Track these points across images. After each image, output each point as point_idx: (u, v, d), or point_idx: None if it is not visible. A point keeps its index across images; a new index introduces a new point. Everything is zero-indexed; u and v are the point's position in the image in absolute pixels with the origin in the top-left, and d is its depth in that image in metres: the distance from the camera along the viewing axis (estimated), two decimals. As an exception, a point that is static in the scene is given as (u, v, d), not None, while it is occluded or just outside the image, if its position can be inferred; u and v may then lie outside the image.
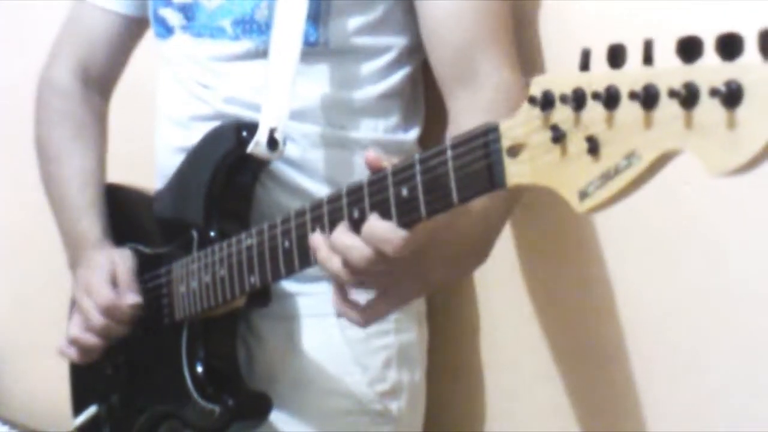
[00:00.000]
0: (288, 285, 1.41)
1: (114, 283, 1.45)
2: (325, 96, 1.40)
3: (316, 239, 1.13)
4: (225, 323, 1.41)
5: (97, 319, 1.45)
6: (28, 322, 2.27)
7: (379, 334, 1.42)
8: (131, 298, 1.44)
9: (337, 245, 1.10)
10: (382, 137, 1.42)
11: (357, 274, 1.10)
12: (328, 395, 1.42)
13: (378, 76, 1.41)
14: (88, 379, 1.57)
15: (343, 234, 1.10)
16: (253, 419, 1.40)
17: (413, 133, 1.46)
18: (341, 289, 1.15)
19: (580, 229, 1.41)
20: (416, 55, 1.43)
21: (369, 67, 1.41)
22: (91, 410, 1.55)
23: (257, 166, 1.39)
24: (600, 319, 1.40)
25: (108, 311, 1.44)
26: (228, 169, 1.39)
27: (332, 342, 1.42)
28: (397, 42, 1.41)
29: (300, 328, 1.43)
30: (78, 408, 1.60)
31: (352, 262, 1.08)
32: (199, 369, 1.40)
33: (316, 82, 1.39)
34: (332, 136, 1.41)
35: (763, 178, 0.80)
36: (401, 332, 1.44)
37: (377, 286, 1.14)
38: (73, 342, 1.49)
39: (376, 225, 1.07)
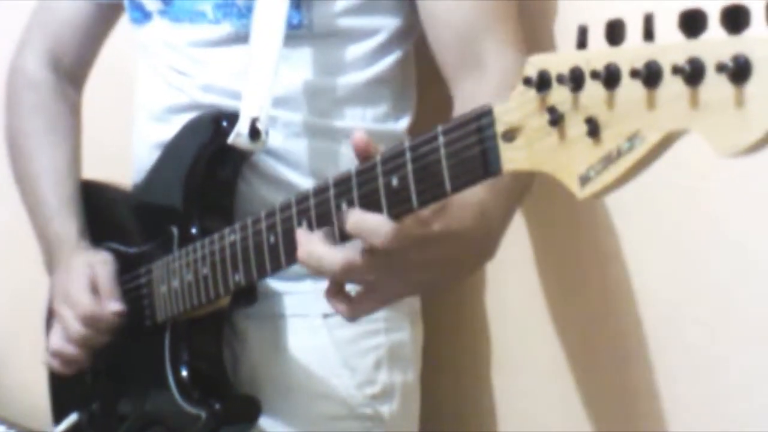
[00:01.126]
0: (272, 283, 1.37)
1: (94, 290, 1.41)
2: (309, 82, 1.35)
3: (300, 235, 1.08)
4: (209, 324, 1.37)
5: (78, 330, 1.41)
6: (28, 323, 2.25)
7: (369, 334, 1.38)
8: (113, 305, 1.40)
9: (311, 255, 1.05)
10: (370, 127, 1.37)
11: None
12: (316, 399, 1.38)
13: (366, 61, 1.36)
14: (68, 385, 1.53)
15: (316, 244, 1.05)
16: (242, 424, 1.36)
17: (403, 122, 1.41)
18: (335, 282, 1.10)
19: (593, 223, 1.38)
20: (408, 37, 1.38)
21: (356, 50, 1.35)
22: (72, 418, 1.52)
23: (239, 158, 1.34)
24: (613, 317, 1.38)
25: (89, 321, 1.41)
26: (208, 161, 1.35)
27: (319, 343, 1.38)
28: (388, 23, 1.36)
29: (285, 328, 1.39)
30: (58, 416, 1.56)
31: (325, 272, 1.04)
32: (184, 372, 1.36)
33: (299, 68, 1.34)
34: (316, 126, 1.36)
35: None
36: (392, 332, 1.40)
37: (363, 282, 1.09)
38: (55, 354, 1.46)
39: (364, 217, 1.02)
